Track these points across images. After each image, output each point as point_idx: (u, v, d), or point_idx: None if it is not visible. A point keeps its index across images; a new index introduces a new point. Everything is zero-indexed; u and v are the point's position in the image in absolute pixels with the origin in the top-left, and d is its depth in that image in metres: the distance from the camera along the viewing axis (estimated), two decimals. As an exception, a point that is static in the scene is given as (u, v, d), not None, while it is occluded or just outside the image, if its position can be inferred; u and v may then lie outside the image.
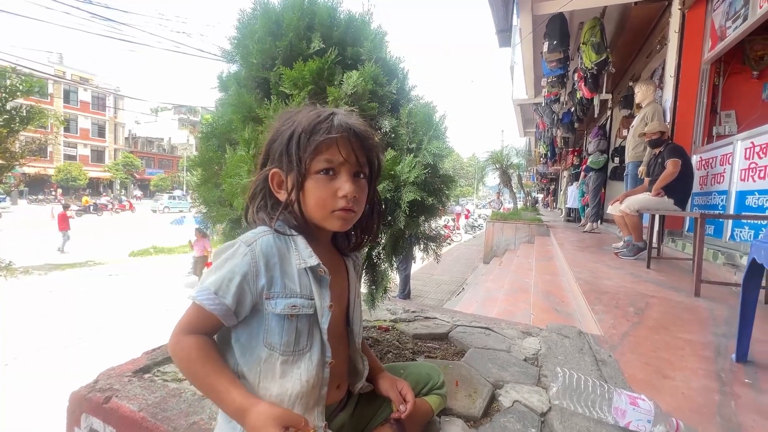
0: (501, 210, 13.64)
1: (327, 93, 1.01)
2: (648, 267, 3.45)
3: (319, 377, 0.74)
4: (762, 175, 3.02)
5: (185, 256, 10.06)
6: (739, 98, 4.46)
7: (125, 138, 41.02)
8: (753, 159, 3.15)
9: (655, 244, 3.87)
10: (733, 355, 1.51)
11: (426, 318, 1.84)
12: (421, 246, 1.28)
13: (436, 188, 1.21)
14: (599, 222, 6.71)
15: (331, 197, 0.73)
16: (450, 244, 14.12)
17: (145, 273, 8.17)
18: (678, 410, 1.15)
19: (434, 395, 0.95)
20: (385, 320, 1.78)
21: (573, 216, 9.03)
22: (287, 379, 0.71)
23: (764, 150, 3.01)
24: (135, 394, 1.10)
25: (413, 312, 1.92)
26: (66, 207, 11.69)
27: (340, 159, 0.73)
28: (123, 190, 36.81)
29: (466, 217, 21.84)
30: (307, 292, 0.74)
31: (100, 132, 37.26)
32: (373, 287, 1.21)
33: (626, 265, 3.63)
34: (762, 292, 2.40)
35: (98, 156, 37.17)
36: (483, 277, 6.23)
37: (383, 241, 1.13)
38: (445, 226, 15.10)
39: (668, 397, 1.24)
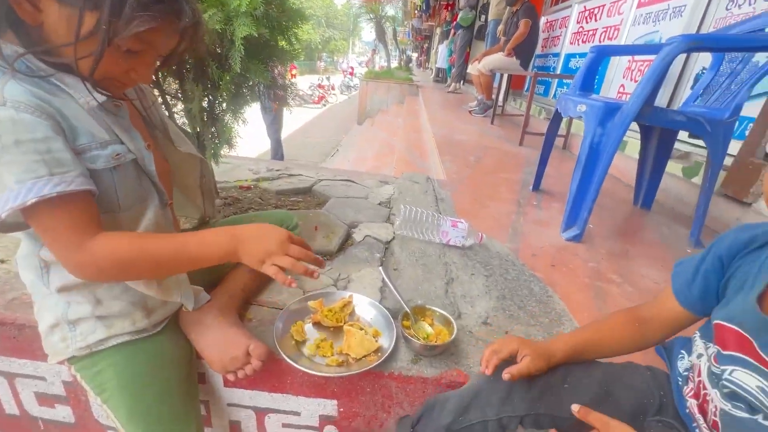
0: (376, 69, 13.25)
1: None
2: (492, 123, 3.98)
3: (161, 223, 0.69)
4: (584, 39, 3.50)
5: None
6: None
7: None
8: (582, 23, 3.57)
9: (501, 102, 4.40)
10: (531, 187, 1.98)
11: (291, 175, 1.84)
12: (271, 95, 1.17)
13: (280, 25, 1.05)
14: (462, 82, 7.17)
15: (123, 74, 0.57)
16: (325, 105, 13.57)
17: None
18: (487, 227, 1.50)
19: None
20: (246, 180, 1.72)
21: (441, 76, 9.39)
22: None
23: (591, 15, 3.41)
24: None
25: (277, 170, 1.89)
26: None
27: (157, 46, 0.57)
28: None
29: (351, 74, 20.77)
30: (115, 137, 0.60)
31: None
32: (217, 142, 1.11)
33: (476, 122, 4.11)
34: (561, 140, 3.07)
35: None
36: (357, 137, 6.38)
37: (221, 87, 0.99)
38: (319, 86, 14.23)
39: (483, 219, 1.60)
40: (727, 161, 1.60)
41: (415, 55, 22.14)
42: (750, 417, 0.43)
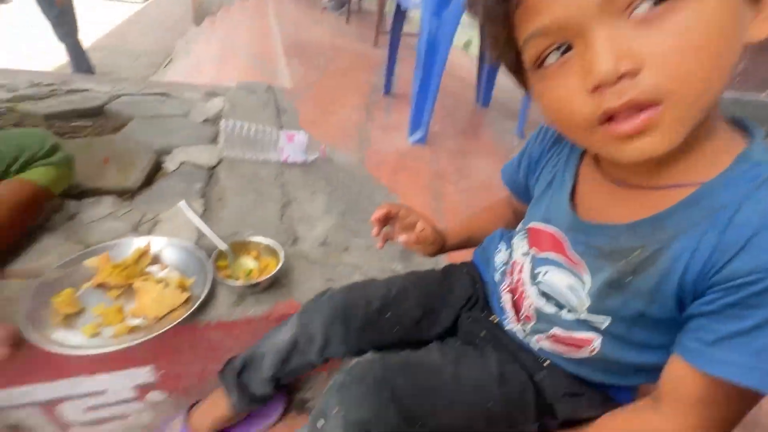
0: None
1: None
2: (347, 21, 3.64)
3: None
4: None
5: None
6: None
7: None
8: None
9: (356, -2, 4.00)
10: (382, 90, 1.88)
11: (71, 91, 1.36)
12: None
13: None
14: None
15: None
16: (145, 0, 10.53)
17: None
18: (333, 137, 1.38)
19: (39, 167, 0.73)
20: (-9, 101, 1.20)
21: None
22: None
23: None
24: None
25: (49, 85, 1.37)
26: None
27: None
28: None
29: None
30: None
31: None
32: None
33: (331, 20, 3.70)
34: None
35: None
36: (194, 43, 5.23)
37: None
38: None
39: (330, 128, 1.47)
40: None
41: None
42: (557, 311, 0.44)
